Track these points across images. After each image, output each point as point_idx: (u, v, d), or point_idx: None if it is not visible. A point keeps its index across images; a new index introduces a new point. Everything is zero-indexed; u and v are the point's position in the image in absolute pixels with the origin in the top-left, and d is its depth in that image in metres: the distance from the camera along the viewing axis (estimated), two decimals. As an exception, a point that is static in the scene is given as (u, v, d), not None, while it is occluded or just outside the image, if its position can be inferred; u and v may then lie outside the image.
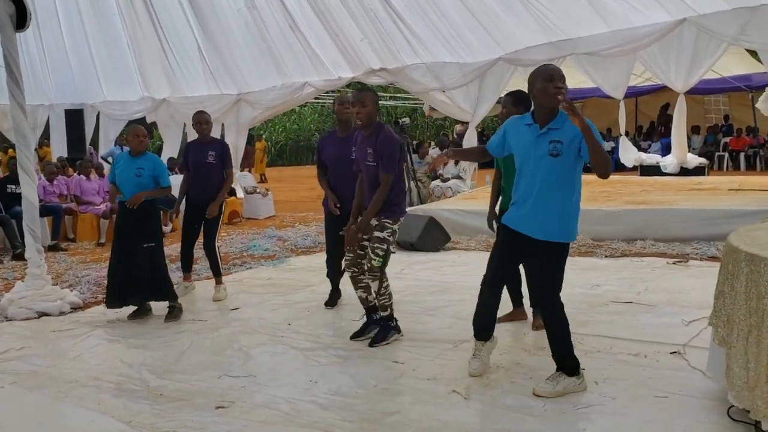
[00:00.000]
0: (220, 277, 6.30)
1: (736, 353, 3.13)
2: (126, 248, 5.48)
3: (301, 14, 11.11)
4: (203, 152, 6.17)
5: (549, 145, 3.46)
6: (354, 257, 4.60)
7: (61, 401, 3.79)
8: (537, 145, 3.49)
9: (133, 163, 5.51)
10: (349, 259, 4.63)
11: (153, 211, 5.61)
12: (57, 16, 12.96)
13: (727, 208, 7.93)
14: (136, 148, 5.56)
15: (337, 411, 3.51)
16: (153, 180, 5.56)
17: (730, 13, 8.76)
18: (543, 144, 3.48)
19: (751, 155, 18.68)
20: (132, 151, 5.59)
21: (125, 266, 5.44)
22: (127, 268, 5.44)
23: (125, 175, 5.51)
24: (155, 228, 5.64)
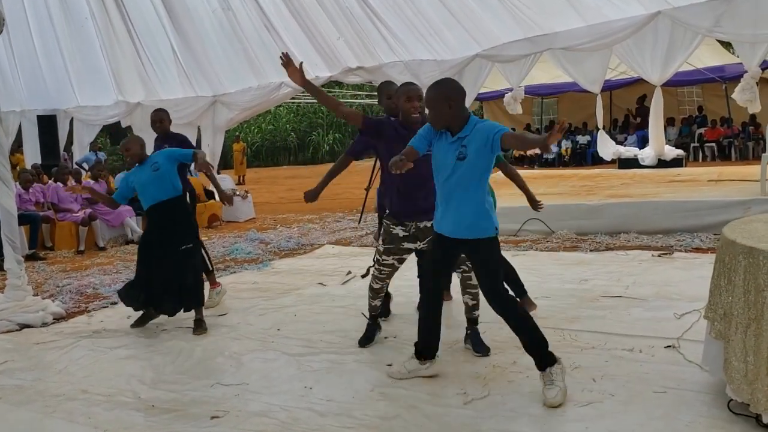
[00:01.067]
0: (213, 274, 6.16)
1: (735, 347, 3.13)
2: (160, 256, 5.22)
3: (276, 14, 10.99)
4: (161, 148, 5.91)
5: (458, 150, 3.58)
6: (392, 272, 4.40)
7: (50, 416, 3.69)
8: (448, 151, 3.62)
9: (144, 167, 5.26)
10: (387, 273, 4.41)
11: (185, 208, 5.44)
12: (27, 21, 12.72)
13: (709, 199, 7.99)
14: (135, 160, 5.30)
15: (335, 417, 3.45)
16: (173, 166, 5.25)
17: (704, 5, 8.80)
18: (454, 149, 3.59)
19: (726, 145, 18.90)
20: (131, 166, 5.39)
21: (160, 272, 5.19)
22: (162, 274, 5.19)
23: (143, 179, 5.23)
24: (191, 227, 5.40)
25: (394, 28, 10.74)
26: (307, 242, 9.33)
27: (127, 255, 9.20)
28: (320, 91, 4.43)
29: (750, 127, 18.90)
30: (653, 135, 12.71)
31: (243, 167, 23.19)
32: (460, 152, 3.56)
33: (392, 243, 4.28)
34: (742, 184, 9.18)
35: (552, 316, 4.82)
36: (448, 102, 3.56)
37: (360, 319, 5.21)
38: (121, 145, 5.41)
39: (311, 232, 10.29)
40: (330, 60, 11.65)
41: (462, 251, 3.80)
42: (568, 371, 3.75)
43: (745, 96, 9.26)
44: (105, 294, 6.72)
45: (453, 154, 3.58)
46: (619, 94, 19.88)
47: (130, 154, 5.30)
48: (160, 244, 5.24)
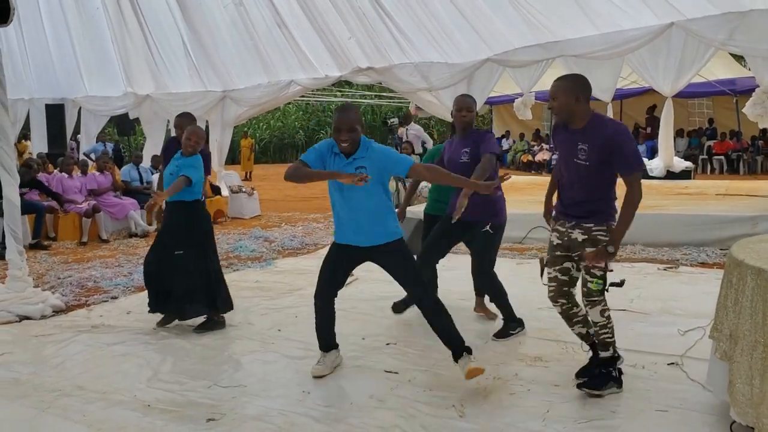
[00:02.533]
0: None
1: (740, 368, 3.08)
2: (166, 253, 5.18)
3: (288, 11, 10.97)
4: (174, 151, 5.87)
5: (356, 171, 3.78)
6: (558, 286, 3.81)
7: (44, 412, 3.65)
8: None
9: (175, 162, 5.19)
10: (553, 290, 3.84)
11: (187, 215, 5.20)
12: (38, 9, 12.73)
13: (716, 213, 7.93)
14: (187, 150, 5.18)
15: (332, 424, 3.41)
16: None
17: (718, 18, 8.73)
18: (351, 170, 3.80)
19: (734, 159, 18.82)
20: (183, 152, 5.23)
21: (162, 272, 5.17)
22: (163, 275, 5.16)
23: (166, 175, 5.25)
24: (188, 234, 5.19)
25: (405, 29, 10.71)
26: (311, 242, 9.29)
27: (130, 248, 9.18)
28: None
29: (759, 141, 18.82)
30: (663, 146, 12.65)
31: (250, 163, 23.18)
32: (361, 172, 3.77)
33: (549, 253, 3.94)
34: (750, 199, 9.11)
35: (555, 327, 4.76)
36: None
37: (360, 322, 5.18)
38: (190, 131, 5.23)
39: (316, 231, 10.25)
40: (340, 59, 11.63)
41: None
42: (570, 386, 3.71)
43: (756, 111, 9.16)
44: (105, 288, 6.69)
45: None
46: (629, 103, 19.79)
47: (191, 144, 5.17)
48: (167, 241, 5.23)
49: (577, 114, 3.62)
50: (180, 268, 5.09)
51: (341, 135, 3.77)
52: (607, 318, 3.71)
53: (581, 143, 3.60)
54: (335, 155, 3.89)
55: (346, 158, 3.85)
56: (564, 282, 3.80)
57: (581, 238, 3.67)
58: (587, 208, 3.71)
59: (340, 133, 3.78)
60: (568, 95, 3.59)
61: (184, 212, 5.16)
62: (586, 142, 3.59)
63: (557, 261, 3.81)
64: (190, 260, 5.12)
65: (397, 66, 11.47)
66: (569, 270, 3.79)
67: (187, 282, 5.08)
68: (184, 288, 5.10)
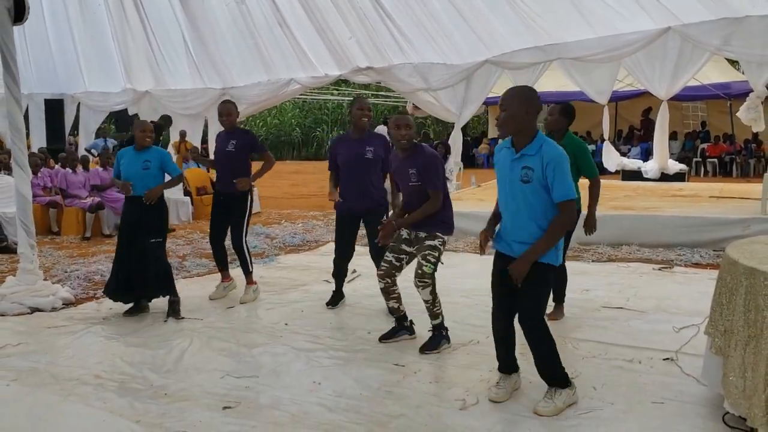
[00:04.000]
0: (251, 275, 6.13)
1: (734, 362, 3.25)
2: (133, 243, 5.49)
3: (289, 10, 11.08)
4: (226, 142, 6.08)
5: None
6: (389, 268, 4.63)
7: (66, 400, 3.79)
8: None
9: (139, 157, 5.52)
10: (383, 269, 4.64)
11: (161, 206, 5.60)
12: (41, 5, 12.79)
13: (710, 216, 8.12)
14: (140, 143, 5.54)
15: (344, 413, 3.57)
16: (161, 172, 5.58)
17: (714, 24, 8.90)
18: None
19: (727, 162, 19.04)
20: (137, 146, 5.57)
21: (132, 261, 5.47)
22: (134, 263, 5.46)
23: (132, 170, 5.51)
24: (162, 223, 5.65)
25: (405, 30, 10.83)
26: (312, 239, 9.44)
27: (133, 243, 9.28)
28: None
29: (753, 145, 19.04)
30: (657, 148, 12.84)
31: (247, 160, 23.20)
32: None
33: (394, 241, 4.67)
34: (743, 202, 9.31)
35: (554, 324, 4.92)
36: None
37: (365, 317, 5.34)
38: (141, 125, 5.67)
39: (316, 228, 10.39)
40: (340, 59, 11.74)
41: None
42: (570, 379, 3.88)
43: (749, 115, 9.36)
44: (113, 281, 6.80)
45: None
46: (625, 105, 19.98)
47: (143, 137, 5.56)
48: (134, 232, 5.54)
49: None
50: (153, 256, 5.47)
51: (401, 130, 4.49)
52: (434, 295, 4.50)
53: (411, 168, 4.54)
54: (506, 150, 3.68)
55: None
56: (393, 266, 4.63)
57: (422, 235, 4.54)
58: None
59: (400, 129, 4.50)
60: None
61: (159, 203, 5.56)
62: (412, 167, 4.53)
63: (398, 250, 4.63)
64: (162, 247, 5.58)
65: (397, 66, 11.60)
66: (401, 260, 4.65)
67: (159, 267, 5.50)
68: (156, 273, 5.48)
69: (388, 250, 4.67)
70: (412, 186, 4.53)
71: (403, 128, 4.51)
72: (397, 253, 4.63)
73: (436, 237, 4.50)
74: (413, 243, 4.61)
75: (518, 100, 3.50)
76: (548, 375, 3.64)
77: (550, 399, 3.58)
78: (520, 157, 3.50)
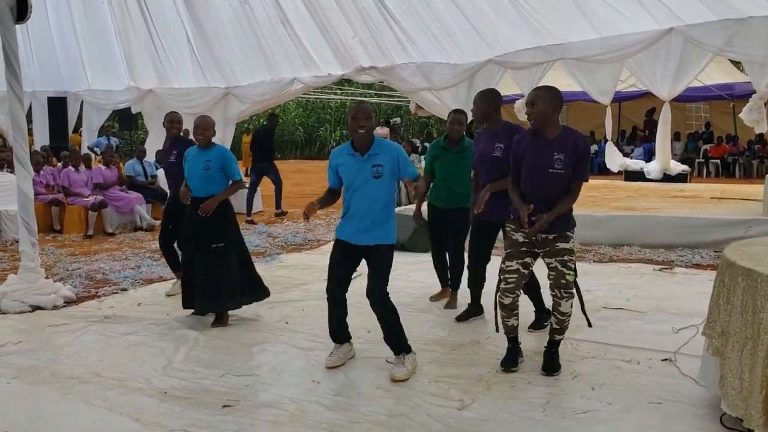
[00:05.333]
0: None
1: (731, 363, 3.25)
2: (195, 248, 5.28)
3: (293, 10, 11.11)
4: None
5: (372, 169, 4.02)
6: (518, 279, 4.08)
7: (65, 398, 3.81)
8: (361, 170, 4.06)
9: (201, 157, 5.25)
10: (512, 282, 4.07)
11: (223, 209, 5.28)
12: (45, 2, 12.81)
13: (711, 217, 8.13)
14: (198, 142, 5.28)
15: (343, 412, 3.58)
16: (222, 173, 5.27)
17: (717, 24, 8.91)
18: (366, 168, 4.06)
19: (730, 162, 19.01)
20: (199, 144, 5.30)
21: (194, 267, 5.24)
22: (195, 269, 5.23)
23: (194, 170, 5.26)
24: (225, 227, 5.30)
25: (408, 29, 10.85)
26: (313, 238, 9.47)
27: (136, 242, 9.33)
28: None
29: (756, 146, 19.01)
30: (660, 149, 12.84)
31: (250, 159, 23.24)
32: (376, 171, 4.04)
33: (512, 248, 4.14)
34: (745, 204, 9.30)
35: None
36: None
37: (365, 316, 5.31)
38: (199, 121, 5.30)
39: (317, 228, 10.41)
40: (343, 58, 11.77)
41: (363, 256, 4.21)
42: (569, 379, 3.90)
43: (752, 116, 9.36)
44: (114, 280, 6.83)
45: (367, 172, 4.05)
46: (628, 106, 19.97)
47: (206, 135, 5.27)
48: (196, 236, 5.27)
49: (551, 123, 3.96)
50: (219, 261, 5.20)
51: (359, 122, 3.98)
52: (572, 308, 4.06)
53: (557, 153, 3.94)
54: (349, 156, 4.08)
55: (361, 155, 4.04)
56: (523, 276, 4.12)
57: (551, 237, 4.00)
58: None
59: (357, 120, 3.98)
60: (547, 103, 3.92)
61: (221, 205, 5.26)
62: (562, 152, 3.94)
63: (520, 255, 4.09)
64: (225, 253, 5.25)
65: (400, 66, 11.62)
66: (527, 265, 4.13)
67: (219, 276, 5.19)
68: (227, 280, 5.21)
69: (507, 258, 4.10)
70: (554, 174, 3.95)
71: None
72: (520, 258, 4.08)
73: (568, 237, 4.01)
74: (537, 245, 4.05)
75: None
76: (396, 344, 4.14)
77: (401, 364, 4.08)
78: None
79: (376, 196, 4.05)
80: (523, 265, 4.08)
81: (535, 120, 3.95)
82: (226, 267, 5.21)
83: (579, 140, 3.98)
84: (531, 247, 4.07)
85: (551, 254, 3.99)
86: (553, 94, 3.93)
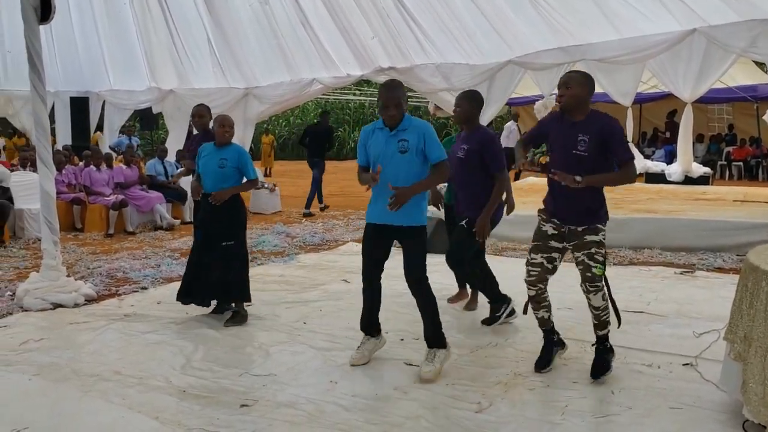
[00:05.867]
0: None
1: (753, 369, 3.21)
2: (205, 245, 5.34)
3: (313, 11, 11.14)
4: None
5: (398, 144, 4.03)
6: (541, 272, 4.07)
7: (86, 395, 3.84)
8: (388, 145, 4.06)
9: (217, 154, 5.30)
10: (534, 275, 4.08)
11: (234, 206, 5.33)
12: (67, 3, 12.95)
13: (733, 220, 8.03)
14: (220, 139, 5.32)
15: (360, 413, 3.58)
16: (237, 171, 5.32)
17: (740, 25, 8.80)
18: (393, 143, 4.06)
19: (753, 165, 18.80)
20: (216, 142, 5.35)
21: (202, 264, 5.32)
22: (204, 265, 5.31)
23: (209, 166, 5.31)
24: (235, 225, 5.36)
25: (428, 30, 10.83)
26: (331, 238, 9.48)
27: (156, 241, 9.39)
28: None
29: (780, 148, 18.80)
30: (681, 151, 12.72)
31: (271, 159, 23.39)
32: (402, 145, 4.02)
33: (539, 240, 4.12)
34: None
35: (573, 327, 4.91)
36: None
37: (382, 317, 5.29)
38: (221, 119, 5.35)
39: (335, 228, 10.43)
40: (362, 58, 11.77)
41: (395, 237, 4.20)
42: (588, 383, 3.87)
43: (776, 118, 9.26)
44: (135, 279, 6.89)
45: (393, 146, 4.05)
46: (649, 107, 19.80)
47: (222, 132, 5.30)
48: (207, 233, 5.37)
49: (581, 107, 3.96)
50: (227, 259, 5.28)
51: (390, 110, 3.99)
52: (606, 300, 4.01)
53: (581, 135, 3.90)
54: (378, 130, 4.10)
55: (390, 131, 4.04)
56: (546, 269, 4.09)
57: (580, 229, 3.96)
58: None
59: (387, 109, 4.00)
60: (581, 88, 3.92)
61: (232, 202, 5.31)
62: (587, 134, 3.89)
63: (547, 249, 4.07)
64: (238, 250, 5.35)
65: (419, 66, 11.59)
66: (553, 260, 4.09)
67: (233, 271, 5.29)
68: (230, 277, 5.29)
69: (533, 251, 4.11)
70: (577, 156, 3.90)
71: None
72: (547, 252, 4.06)
73: (598, 230, 3.94)
74: (566, 238, 4.01)
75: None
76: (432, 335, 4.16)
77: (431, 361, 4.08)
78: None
79: (402, 172, 4.01)
80: (548, 259, 4.06)
81: (566, 102, 3.93)
82: (235, 264, 5.31)
83: (606, 122, 3.91)
84: (560, 240, 4.03)
85: (579, 247, 3.95)
86: (588, 80, 3.96)
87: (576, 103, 3.92)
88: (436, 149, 4.05)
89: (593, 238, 3.92)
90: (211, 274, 5.28)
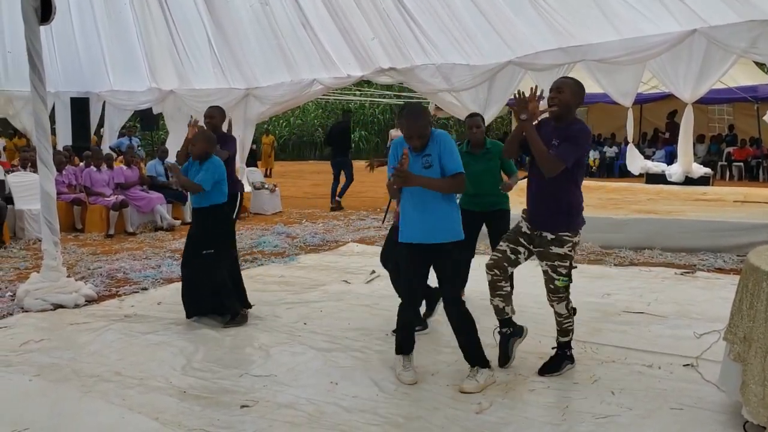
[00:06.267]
0: None
1: (753, 370, 3.21)
2: (189, 251, 5.39)
3: (313, 11, 11.13)
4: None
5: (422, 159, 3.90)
6: (500, 259, 4.08)
7: (86, 396, 3.84)
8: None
9: (196, 169, 5.32)
10: (493, 259, 4.09)
11: (215, 215, 5.36)
12: (68, 3, 12.95)
13: (733, 220, 8.03)
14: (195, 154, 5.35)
15: (361, 414, 3.58)
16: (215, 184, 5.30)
17: (741, 26, 8.78)
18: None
19: (754, 165, 18.79)
20: (193, 155, 5.38)
21: (190, 278, 5.35)
22: (190, 280, 5.35)
23: (189, 176, 5.35)
24: (216, 234, 5.36)
25: (428, 31, 10.82)
26: (331, 239, 9.48)
27: (156, 241, 9.39)
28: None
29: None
30: (682, 152, 12.68)
31: (271, 160, 23.41)
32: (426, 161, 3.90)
33: (512, 233, 4.18)
34: (768, 207, 9.18)
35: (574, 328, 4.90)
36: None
37: (383, 318, 5.33)
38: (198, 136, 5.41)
39: (336, 228, 10.43)
40: (363, 59, 11.76)
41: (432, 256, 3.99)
42: (588, 384, 3.87)
43: (776, 119, 9.24)
44: (135, 279, 6.89)
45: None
46: (649, 108, 19.79)
47: (196, 149, 5.32)
48: (192, 244, 5.41)
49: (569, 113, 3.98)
50: (208, 270, 5.29)
51: (413, 141, 3.86)
52: (569, 310, 4.10)
53: (555, 139, 3.91)
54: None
55: (416, 153, 3.92)
56: (505, 258, 4.09)
57: (548, 238, 3.97)
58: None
59: (412, 140, 3.86)
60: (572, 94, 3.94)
61: (214, 211, 5.36)
62: (558, 139, 3.91)
63: (515, 241, 4.10)
64: (218, 261, 5.33)
65: (419, 67, 11.57)
66: (517, 252, 4.09)
67: (211, 283, 5.30)
68: (210, 289, 5.31)
69: (503, 240, 4.17)
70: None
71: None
72: (514, 244, 4.09)
73: (564, 242, 3.94)
74: (534, 241, 4.05)
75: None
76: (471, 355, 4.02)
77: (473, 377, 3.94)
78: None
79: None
80: (513, 250, 4.08)
81: (557, 107, 3.92)
82: (217, 279, 5.29)
83: (575, 127, 3.91)
84: (529, 242, 4.07)
85: (543, 256, 4.00)
86: (579, 88, 3.97)
87: (566, 109, 3.94)
88: (452, 161, 3.88)
89: (558, 251, 3.95)
90: (201, 291, 5.31)
